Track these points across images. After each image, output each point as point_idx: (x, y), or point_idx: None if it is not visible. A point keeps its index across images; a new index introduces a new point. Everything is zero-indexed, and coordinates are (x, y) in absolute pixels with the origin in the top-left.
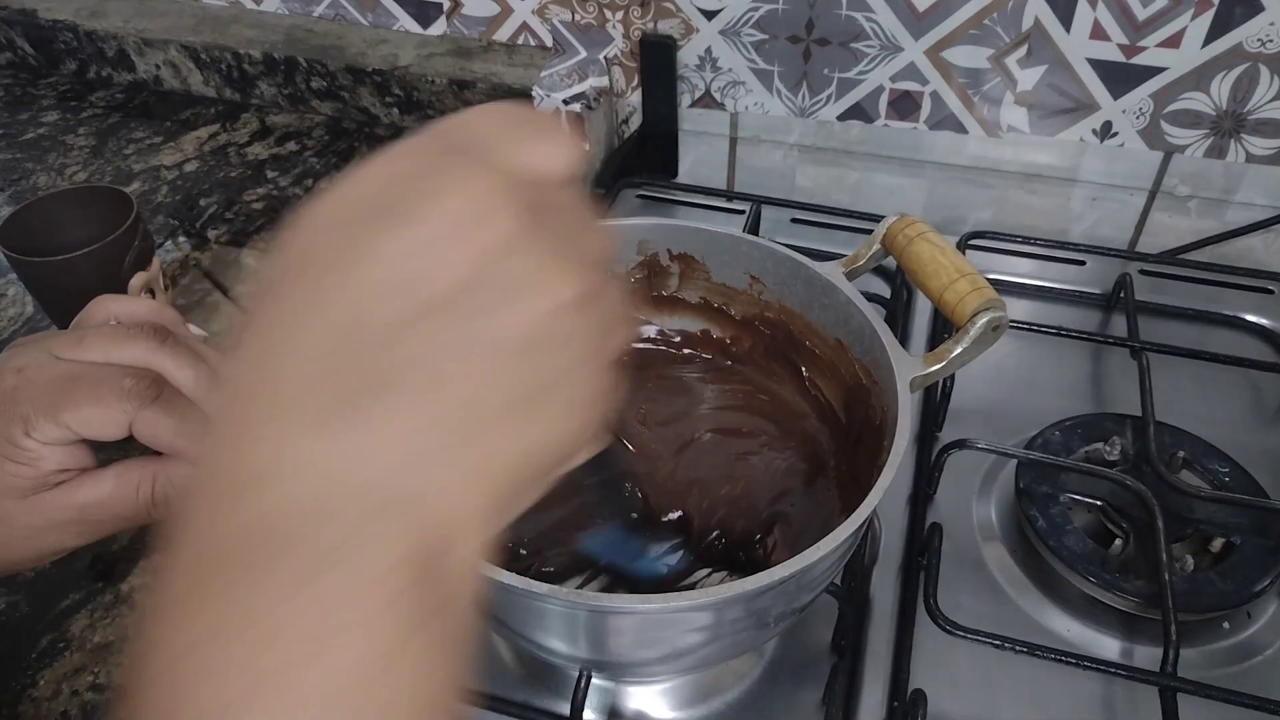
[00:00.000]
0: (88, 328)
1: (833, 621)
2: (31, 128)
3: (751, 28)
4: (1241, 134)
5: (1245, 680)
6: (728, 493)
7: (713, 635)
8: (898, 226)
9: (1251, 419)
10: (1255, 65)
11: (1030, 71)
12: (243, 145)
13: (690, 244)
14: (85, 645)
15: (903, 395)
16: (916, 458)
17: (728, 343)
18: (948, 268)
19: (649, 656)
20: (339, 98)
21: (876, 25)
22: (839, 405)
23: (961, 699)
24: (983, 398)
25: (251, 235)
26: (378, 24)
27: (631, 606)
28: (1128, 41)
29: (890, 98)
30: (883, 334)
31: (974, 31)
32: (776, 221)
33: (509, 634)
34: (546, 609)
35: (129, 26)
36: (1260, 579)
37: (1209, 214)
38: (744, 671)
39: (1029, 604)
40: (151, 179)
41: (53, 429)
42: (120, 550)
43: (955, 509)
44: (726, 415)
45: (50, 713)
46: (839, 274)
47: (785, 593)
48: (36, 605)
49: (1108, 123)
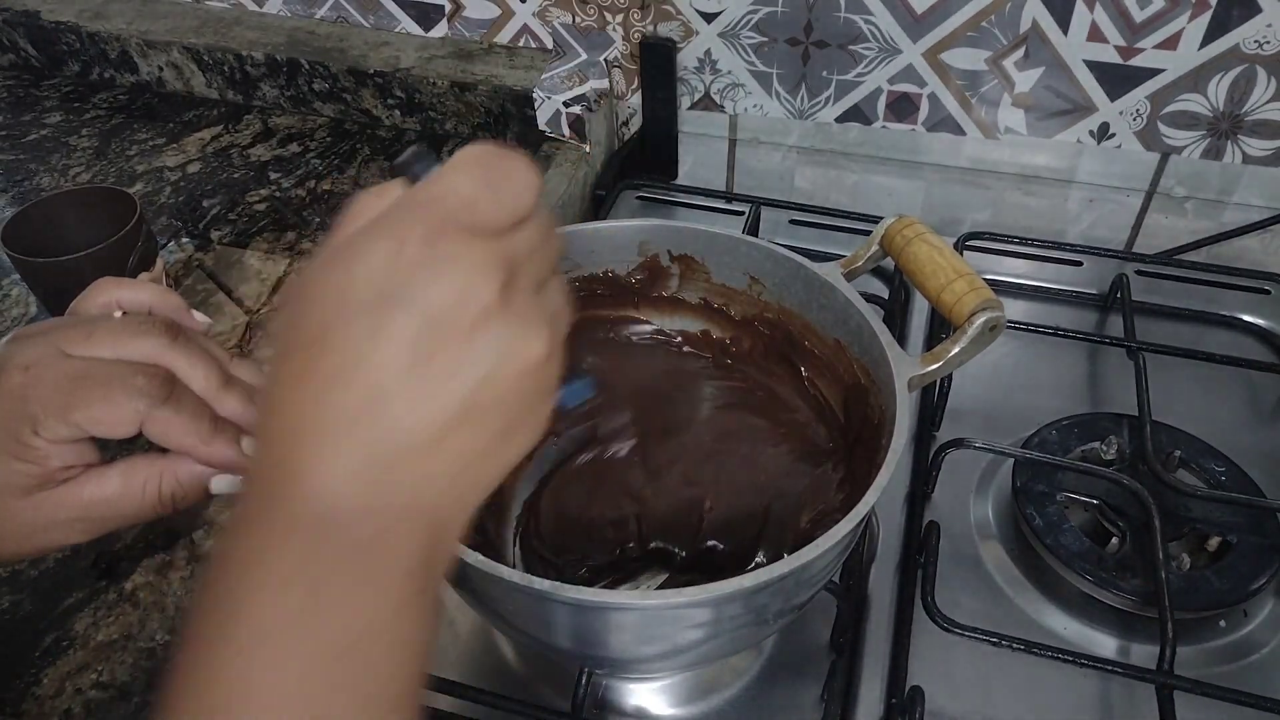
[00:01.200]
0: (96, 321)
1: (831, 619)
2: (35, 129)
3: (751, 30)
4: (1239, 135)
5: (1241, 678)
6: (725, 493)
7: (712, 632)
8: (896, 227)
9: (1248, 418)
10: (1252, 67)
11: (1028, 73)
12: (245, 147)
13: (690, 245)
14: (89, 643)
15: (901, 395)
16: (914, 456)
17: (727, 343)
18: (945, 268)
19: (649, 653)
20: (341, 99)
21: (875, 28)
22: (838, 405)
23: (959, 696)
24: (980, 397)
25: (254, 236)
26: (379, 26)
27: (631, 603)
28: (1125, 43)
29: (888, 100)
30: (881, 334)
31: (972, 34)
32: (775, 223)
33: (510, 631)
34: (547, 605)
35: (132, 28)
36: (1256, 577)
37: (1206, 215)
38: (743, 668)
39: (1026, 602)
40: (155, 180)
41: (62, 428)
42: (123, 548)
43: (953, 507)
44: (725, 414)
45: (54, 710)
46: (838, 275)
47: (784, 590)
48: (40, 603)
49: (1105, 124)
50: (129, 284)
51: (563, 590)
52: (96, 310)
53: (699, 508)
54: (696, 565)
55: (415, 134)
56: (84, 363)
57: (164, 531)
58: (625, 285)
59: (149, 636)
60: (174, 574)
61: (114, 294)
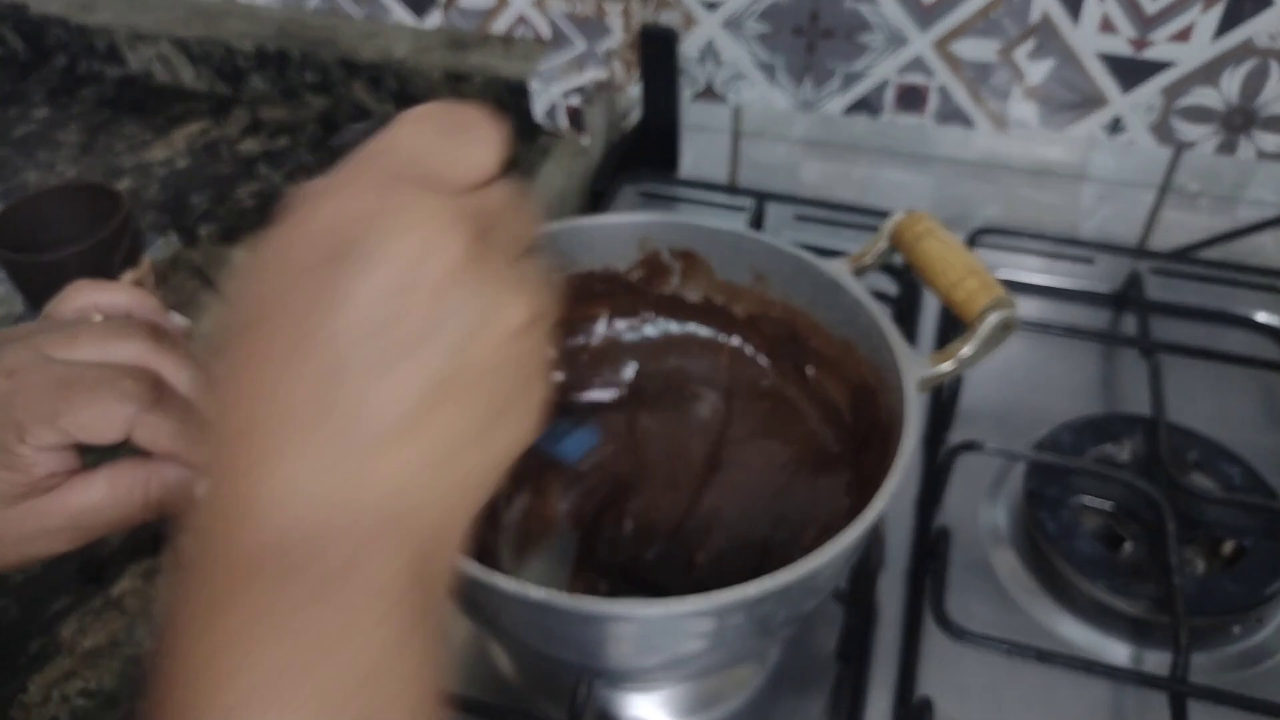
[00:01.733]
0: (79, 324)
1: (838, 628)
2: (21, 124)
3: (755, 19)
4: (1252, 130)
5: (1256, 685)
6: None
7: (715, 641)
8: (906, 223)
9: (1263, 420)
10: (1266, 60)
11: (1038, 65)
12: (234, 141)
13: (693, 241)
14: (75, 650)
15: (910, 396)
16: (924, 460)
17: (731, 343)
18: (956, 265)
19: (650, 663)
20: (332, 91)
21: (882, 17)
22: (845, 406)
23: (969, 706)
24: (991, 399)
25: (243, 232)
26: (371, 16)
27: (632, 612)
28: (1137, 35)
29: (897, 91)
30: (890, 333)
31: (981, 24)
32: (780, 218)
33: (508, 640)
34: (546, 614)
35: (120, 20)
36: (1271, 582)
37: (1219, 211)
38: (747, 679)
39: (1038, 609)
40: (142, 175)
41: (50, 434)
42: (110, 554)
43: (963, 512)
44: (725, 437)
45: (40, 718)
46: (846, 272)
47: (789, 598)
48: (26, 610)
49: (1117, 118)
50: (106, 286)
51: (561, 600)
52: (73, 314)
53: (688, 562)
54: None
55: None
56: (69, 367)
57: (151, 537)
58: (625, 282)
59: (136, 643)
60: (161, 580)
61: (91, 297)
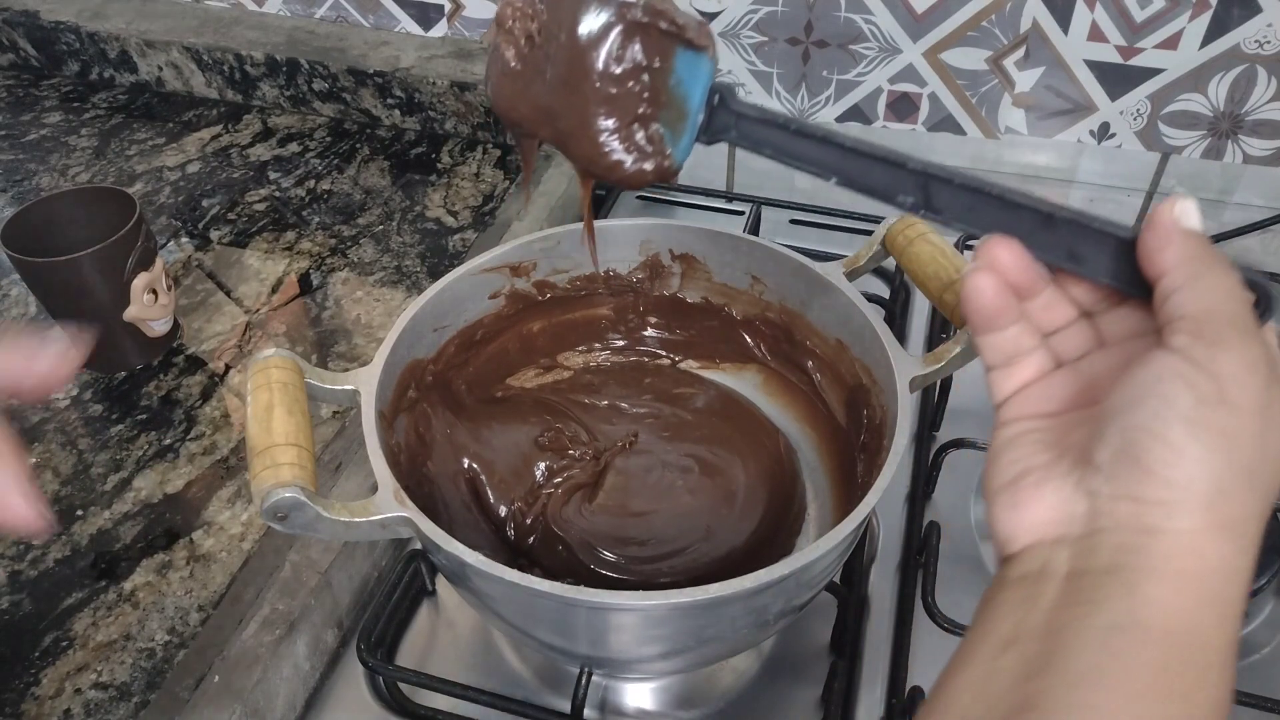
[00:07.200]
0: None
1: (831, 620)
2: (34, 129)
3: (751, 30)
4: (1239, 135)
5: (1241, 679)
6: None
7: (712, 633)
8: (898, 227)
9: None
10: (1253, 66)
11: (1028, 73)
12: (245, 146)
13: (692, 244)
14: (88, 643)
15: (902, 395)
16: (915, 457)
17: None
18: (948, 268)
19: (649, 653)
20: (341, 99)
21: (875, 27)
22: (839, 405)
23: None
24: (980, 398)
25: (254, 236)
26: (379, 26)
27: (631, 603)
28: (1125, 43)
29: (889, 99)
30: (883, 334)
31: (972, 33)
32: (776, 222)
33: (510, 630)
34: (547, 605)
35: (131, 28)
36: (1256, 578)
37: (1206, 215)
38: (743, 669)
39: None
40: (154, 180)
41: None
42: (122, 549)
43: (953, 508)
44: (688, 465)
45: (53, 711)
46: (840, 275)
47: (784, 590)
48: (39, 603)
49: (1105, 124)
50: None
51: (562, 590)
52: None
53: (690, 509)
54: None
55: (415, 133)
56: None
57: (164, 532)
58: (626, 284)
59: (148, 637)
60: (173, 574)
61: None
